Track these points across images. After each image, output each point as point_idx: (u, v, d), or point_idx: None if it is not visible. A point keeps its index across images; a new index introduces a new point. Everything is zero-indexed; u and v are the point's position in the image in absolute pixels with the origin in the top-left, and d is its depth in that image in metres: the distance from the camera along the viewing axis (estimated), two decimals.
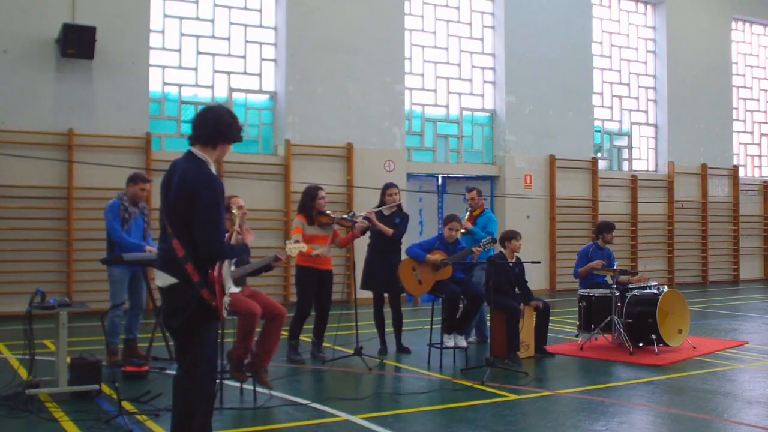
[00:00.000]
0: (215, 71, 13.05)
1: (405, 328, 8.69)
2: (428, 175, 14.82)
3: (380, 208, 8.42)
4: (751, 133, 19.51)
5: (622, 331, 8.44)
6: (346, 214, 8.21)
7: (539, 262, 9.59)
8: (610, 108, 17.23)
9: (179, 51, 12.77)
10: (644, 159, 17.68)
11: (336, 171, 13.50)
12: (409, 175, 14.36)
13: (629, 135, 17.51)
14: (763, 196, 19.22)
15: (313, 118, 13.37)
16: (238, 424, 5.51)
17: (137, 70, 12.09)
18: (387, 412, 5.88)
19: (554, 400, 6.34)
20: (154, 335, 7.63)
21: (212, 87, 13.04)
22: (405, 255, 8.18)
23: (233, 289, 5.80)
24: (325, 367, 7.62)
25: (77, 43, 11.27)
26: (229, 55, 13.17)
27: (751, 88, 19.52)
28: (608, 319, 8.50)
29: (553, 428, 5.48)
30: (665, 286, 8.95)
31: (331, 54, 13.55)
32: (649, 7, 17.81)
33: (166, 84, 12.66)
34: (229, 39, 13.19)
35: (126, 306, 7.59)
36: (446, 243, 8.21)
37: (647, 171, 17.59)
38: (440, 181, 14.92)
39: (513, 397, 6.42)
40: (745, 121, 19.39)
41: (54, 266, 11.45)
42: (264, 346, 6.28)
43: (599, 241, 9.33)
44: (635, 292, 8.68)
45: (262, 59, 13.47)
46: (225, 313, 4.13)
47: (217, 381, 4.82)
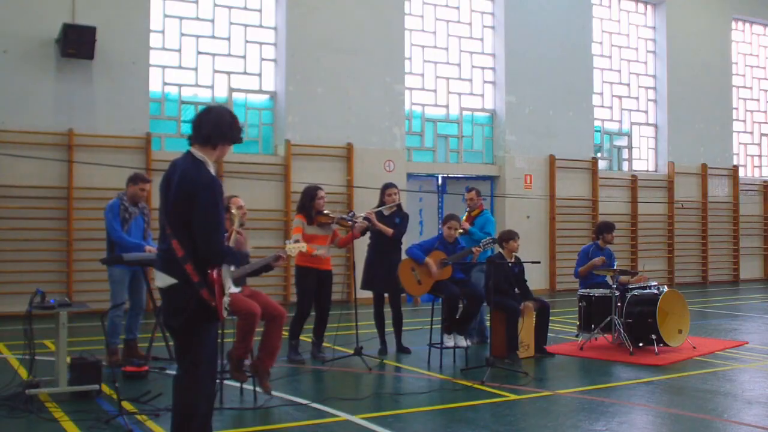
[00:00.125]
0: (215, 71, 13.05)
1: (405, 328, 8.68)
2: (428, 175, 14.82)
3: (380, 208, 8.41)
4: (751, 133, 19.51)
5: (622, 331, 8.44)
6: (346, 214, 8.22)
7: (539, 262, 9.59)
8: (610, 108, 17.23)
9: (179, 51, 12.77)
10: (644, 159, 17.68)
11: (336, 171, 13.50)
12: (409, 175, 14.36)
13: (629, 135, 17.51)
14: (763, 196, 19.22)
15: (313, 118, 13.37)
16: (238, 424, 5.51)
17: (137, 70, 12.09)
18: (387, 412, 5.88)
19: (554, 400, 6.34)
20: (154, 335, 7.63)
21: (212, 87, 13.04)
22: (405, 255, 8.19)
23: (233, 289, 5.78)
24: (325, 367, 7.62)
25: (77, 43, 11.27)
26: (229, 55, 13.18)
27: (751, 88, 19.51)
28: (608, 319, 8.50)
29: (553, 428, 5.48)
30: (665, 286, 8.94)
31: (331, 54, 13.55)
32: (649, 7, 17.81)
33: (166, 84, 12.67)
34: (229, 39, 13.19)
35: (126, 306, 7.60)
36: (446, 243, 8.20)
37: (647, 171, 17.59)
38: (440, 181, 14.91)
39: (513, 397, 6.42)
40: (745, 121, 19.39)
41: (54, 266, 11.45)
42: (266, 349, 6.28)
43: (599, 241, 9.33)
44: (635, 292, 8.68)
45: (262, 59, 13.47)
46: (225, 313, 4.13)
47: (217, 381, 4.82)
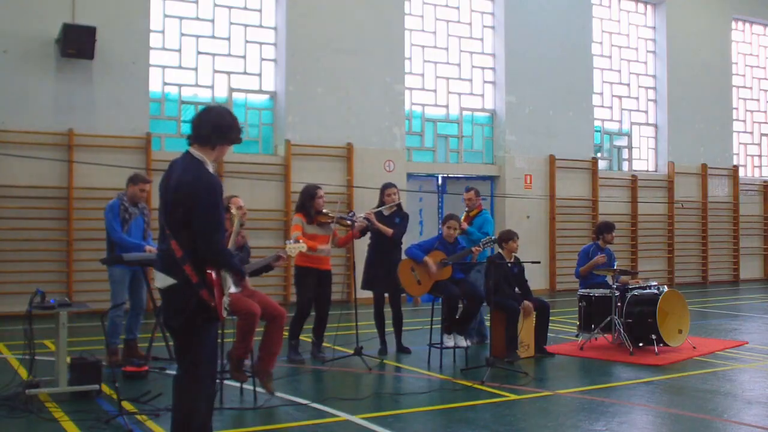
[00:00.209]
0: (215, 71, 13.05)
1: (405, 328, 8.68)
2: (428, 175, 14.82)
3: (380, 208, 8.41)
4: (751, 133, 19.51)
5: (622, 331, 8.44)
6: (346, 214, 8.21)
7: (539, 262, 9.58)
8: (610, 108, 17.22)
9: (179, 51, 12.77)
10: (644, 159, 17.68)
11: (336, 171, 13.49)
12: (409, 175, 14.36)
13: (629, 135, 17.51)
14: (763, 196, 19.21)
15: (313, 118, 13.36)
16: (238, 424, 5.51)
17: (137, 70, 12.08)
18: (387, 412, 5.88)
19: (554, 400, 6.34)
20: (154, 335, 7.63)
21: (212, 87, 13.04)
22: (404, 255, 8.19)
23: (233, 289, 5.80)
24: (325, 367, 7.62)
25: (77, 43, 11.27)
26: (229, 55, 13.17)
27: (751, 88, 19.51)
28: (608, 319, 8.50)
29: (553, 428, 5.48)
30: (665, 286, 8.95)
31: (331, 54, 13.54)
32: (649, 7, 17.81)
33: (166, 84, 12.66)
34: (229, 39, 13.19)
35: (126, 306, 7.60)
36: (446, 243, 8.20)
37: (647, 171, 17.58)
38: (440, 181, 14.91)
39: (513, 397, 6.42)
40: (745, 121, 19.38)
41: (54, 266, 11.45)
42: (268, 349, 6.28)
43: (599, 241, 9.33)
44: (635, 292, 8.68)
45: (262, 59, 13.47)
46: (224, 313, 4.13)
47: (217, 381, 4.81)
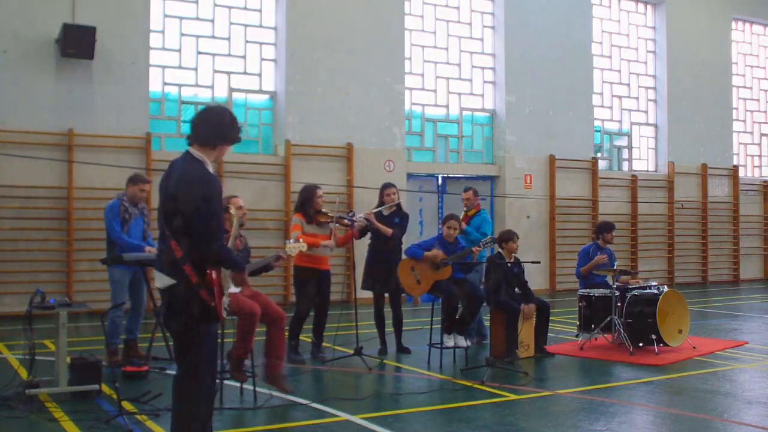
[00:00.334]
0: (215, 71, 13.05)
1: (405, 328, 8.68)
2: (428, 175, 14.81)
3: (380, 208, 8.40)
4: (751, 133, 19.50)
5: (622, 331, 8.44)
6: (345, 213, 8.21)
7: (539, 262, 9.61)
8: (610, 108, 17.22)
9: (179, 51, 12.77)
10: (644, 159, 17.67)
11: (336, 171, 13.49)
12: (409, 175, 14.35)
13: (629, 135, 17.50)
14: (763, 196, 19.21)
15: (313, 118, 13.36)
16: (238, 424, 5.51)
17: (137, 70, 12.08)
18: (387, 412, 5.88)
19: (554, 400, 6.34)
20: (154, 335, 7.62)
21: (212, 87, 13.03)
22: (404, 255, 8.19)
23: (233, 290, 5.80)
24: (325, 367, 7.62)
25: (77, 43, 11.26)
26: (229, 55, 13.17)
27: (751, 88, 19.50)
28: (608, 319, 8.50)
29: (553, 428, 5.48)
30: (665, 286, 8.95)
31: (331, 54, 13.54)
32: (649, 7, 17.80)
33: (166, 84, 12.66)
34: (229, 39, 13.19)
35: (126, 306, 7.61)
36: (446, 243, 8.20)
37: (647, 171, 17.58)
38: (440, 181, 14.91)
39: (513, 397, 6.42)
40: (745, 121, 19.38)
41: (54, 266, 11.45)
42: (274, 352, 6.30)
43: (599, 241, 9.34)
44: (635, 292, 8.68)
45: (262, 59, 13.46)
46: (224, 314, 4.13)
47: (217, 381, 4.82)
